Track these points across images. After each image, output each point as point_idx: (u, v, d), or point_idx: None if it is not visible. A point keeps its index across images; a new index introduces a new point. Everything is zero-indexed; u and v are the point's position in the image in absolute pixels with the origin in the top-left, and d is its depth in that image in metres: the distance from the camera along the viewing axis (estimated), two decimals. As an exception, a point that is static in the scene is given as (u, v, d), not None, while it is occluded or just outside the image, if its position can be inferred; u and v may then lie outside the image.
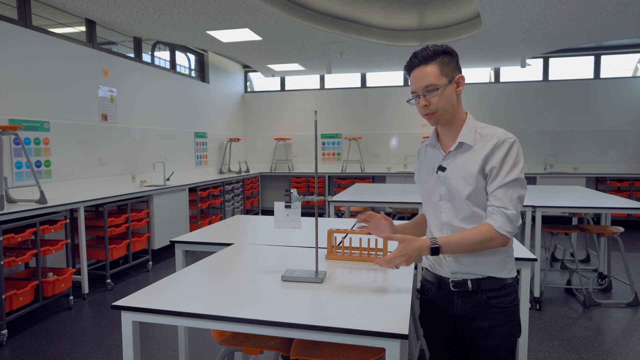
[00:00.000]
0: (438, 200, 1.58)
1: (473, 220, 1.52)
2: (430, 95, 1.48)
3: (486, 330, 1.53)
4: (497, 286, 1.52)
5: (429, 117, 1.52)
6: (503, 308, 1.53)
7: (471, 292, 1.53)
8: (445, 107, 1.49)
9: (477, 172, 1.48)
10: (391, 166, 8.79)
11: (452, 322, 1.60)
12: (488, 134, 1.51)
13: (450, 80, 1.48)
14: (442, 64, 1.48)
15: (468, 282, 1.53)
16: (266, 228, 2.80)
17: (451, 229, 1.55)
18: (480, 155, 1.48)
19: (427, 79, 1.47)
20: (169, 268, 5.32)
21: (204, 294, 1.56)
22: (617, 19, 5.23)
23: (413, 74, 1.51)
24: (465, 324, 1.57)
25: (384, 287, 1.62)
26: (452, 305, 1.57)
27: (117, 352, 3.13)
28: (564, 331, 3.45)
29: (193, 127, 7.43)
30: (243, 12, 4.94)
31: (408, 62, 1.52)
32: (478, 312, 1.53)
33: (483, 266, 1.52)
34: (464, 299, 1.55)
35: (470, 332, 1.56)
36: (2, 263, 3.31)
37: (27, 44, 4.30)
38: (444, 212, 1.57)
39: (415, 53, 1.50)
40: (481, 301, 1.52)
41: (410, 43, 6.48)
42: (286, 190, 1.77)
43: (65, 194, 4.53)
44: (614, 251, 5.52)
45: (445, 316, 1.60)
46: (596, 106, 7.91)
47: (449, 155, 1.56)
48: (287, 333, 1.33)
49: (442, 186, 1.56)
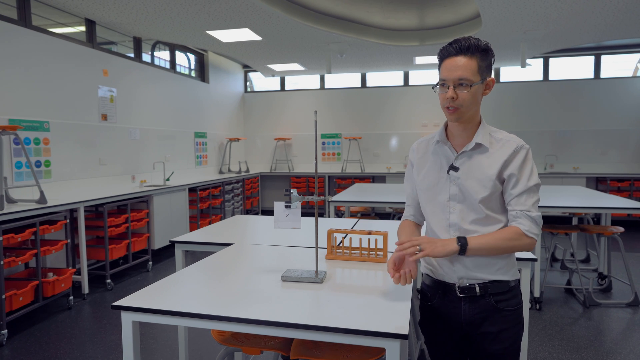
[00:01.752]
0: (446, 201, 1.53)
1: (484, 223, 1.49)
2: (461, 90, 1.41)
3: (495, 334, 1.51)
4: (503, 289, 1.50)
5: (452, 111, 1.44)
6: (511, 311, 1.51)
7: (479, 297, 1.51)
8: (471, 105, 1.43)
9: (495, 177, 1.46)
10: (391, 166, 8.79)
11: (458, 328, 1.56)
12: (503, 138, 1.49)
13: (483, 80, 1.44)
14: (481, 60, 1.41)
15: (475, 287, 1.50)
16: (266, 228, 2.80)
17: (460, 231, 1.51)
18: (498, 160, 1.46)
19: (463, 72, 1.39)
20: (169, 268, 5.32)
21: (204, 294, 1.56)
22: (617, 19, 5.23)
23: (448, 61, 1.42)
24: (473, 329, 1.54)
25: (384, 287, 1.62)
26: (459, 311, 1.54)
27: (117, 352, 3.13)
28: (564, 331, 3.45)
29: (193, 127, 7.43)
30: (243, 12, 4.93)
31: (445, 48, 1.44)
32: (486, 316, 1.51)
33: (489, 269, 1.49)
34: (471, 305, 1.52)
35: (479, 337, 1.54)
36: (2, 263, 3.31)
37: (27, 44, 4.30)
38: (453, 213, 1.52)
39: (456, 40, 1.41)
40: (489, 305, 1.50)
41: (410, 43, 6.48)
42: (286, 190, 1.77)
43: (65, 194, 4.53)
44: (614, 251, 5.52)
45: (451, 322, 1.56)
46: (596, 106, 7.91)
47: (462, 155, 1.51)
48: (287, 333, 1.33)
49: (453, 186, 1.51)
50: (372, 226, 2.84)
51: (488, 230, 1.49)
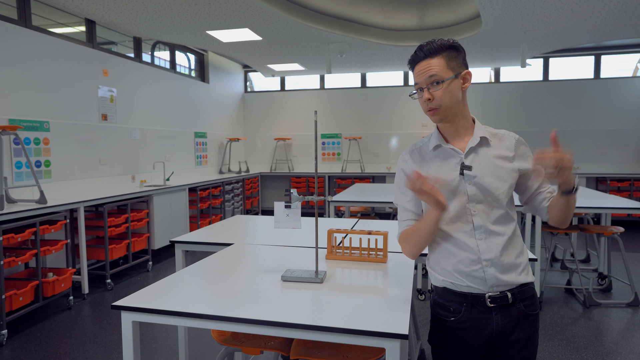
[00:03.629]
0: (465, 203, 1.43)
1: (504, 221, 1.44)
2: (434, 89, 1.40)
3: (525, 341, 1.46)
4: (529, 294, 1.47)
5: (433, 112, 1.43)
6: (535, 315, 1.48)
7: (510, 305, 1.43)
8: (450, 102, 1.41)
9: (511, 169, 1.44)
10: (391, 166, 8.79)
11: (486, 340, 1.46)
12: (499, 133, 1.50)
13: (457, 75, 1.41)
14: (449, 58, 1.41)
15: (507, 294, 1.42)
16: (266, 228, 2.80)
17: (486, 232, 1.42)
18: (506, 152, 1.46)
19: (432, 71, 1.39)
20: (169, 268, 5.32)
21: (204, 294, 1.56)
22: (617, 19, 5.23)
23: (418, 67, 1.43)
24: (502, 339, 1.45)
25: (384, 287, 1.62)
26: (490, 322, 1.43)
27: (117, 352, 3.13)
28: (564, 331, 3.45)
29: (193, 127, 7.43)
30: (243, 12, 4.94)
31: (413, 56, 1.45)
32: (517, 324, 1.45)
33: (516, 271, 1.43)
34: (503, 314, 1.43)
35: (507, 346, 1.46)
36: (2, 263, 3.31)
37: (27, 44, 4.30)
38: (475, 215, 1.43)
39: (420, 46, 1.42)
40: (520, 312, 1.45)
41: (410, 43, 6.48)
42: (286, 190, 1.77)
43: (65, 194, 4.53)
44: (614, 251, 5.52)
45: (480, 336, 1.45)
46: (596, 106, 7.91)
47: (470, 152, 1.45)
48: (287, 333, 1.33)
49: (470, 186, 1.43)
50: (372, 226, 2.84)
51: (508, 229, 1.44)
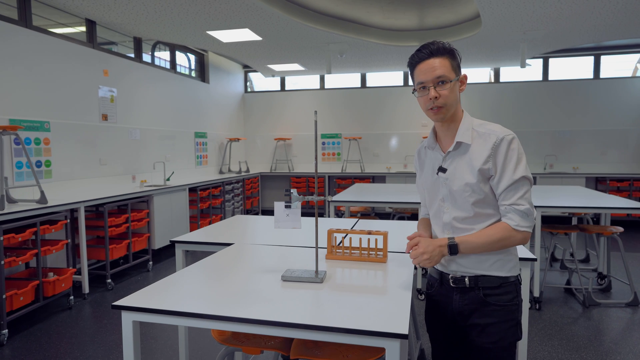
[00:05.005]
0: (441, 202, 1.59)
1: (474, 222, 1.53)
2: (441, 88, 1.46)
3: (482, 327, 1.54)
4: (495, 284, 1.53)
5: (436, 111, 1.49)
6: (500, 306, 1.53)
7: (469, 289, 1.55)
8: (453, 102, 1.49)
9: (478, 173, 1.48)
10: (391, 166, 8.79)
11: (451, 317, 1.62)
12: (485, 132, 1.50)
13: (458, 77, 1.50)
14: (451, 60, 1.49)
15: (466, 278, 1.55)
16: (266, 228, 2.81)
17: (453, 230, 1.56)
18: (480, 155, 1.48)
19: (440, 70, 1.45)
20: (169, 268, 5.32)
21: (204, 294, 1.56)
22: (617, 19, 5.23)
23: (422, 65, 1.48)
24: (463, 320, 1.59)
25: (384, 287, 1.63)
26: (451, 301, 1.60)
27: (118, 352, 3.13)
28: (564, 331, 3.45)
29: (193, 127, 7.44)
30: (243, 12, 4.94)
31: (415, 55, 1.50)
32: (475, 309, 1.55)
33: (480, 265, 1.53)
34: (462, 295, 1.57)
35: (467, 329, 1.58)
36: (3, 263, 3.31)
37: (27, 44, 4.30)
38: (445, 213, 1.58)
39: (426, 45, 1.48)
40: (478, 298, 1.54)
41: (410, 43, 6.48)
42: (286, 190, 1.77)
43: (65, 194, 4.54)
44: (614, 251, 5.52)
45: (446, 311, 1.63)
46: (596, 106, 7.91)
47: (448, 156, 1.56)
48: (287, 333, 1.33)
49: (443, 187, 1.57)
50: (372, 226, 2.84)
51: (480, 227, 1.52)
